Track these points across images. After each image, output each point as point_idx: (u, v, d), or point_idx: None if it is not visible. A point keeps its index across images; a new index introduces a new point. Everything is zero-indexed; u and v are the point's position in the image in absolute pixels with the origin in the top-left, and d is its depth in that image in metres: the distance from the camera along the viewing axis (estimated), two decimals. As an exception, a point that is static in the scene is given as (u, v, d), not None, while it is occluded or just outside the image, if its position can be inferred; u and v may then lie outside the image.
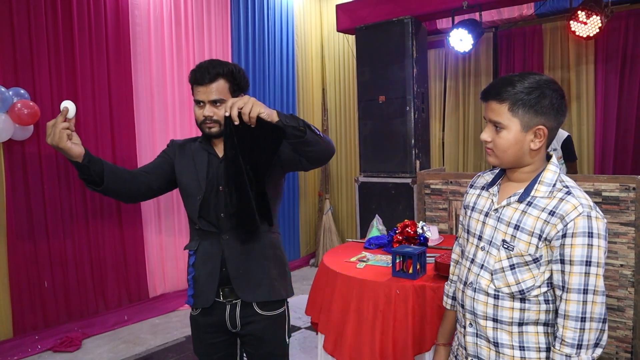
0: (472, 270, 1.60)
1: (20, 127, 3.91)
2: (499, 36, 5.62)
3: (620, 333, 3.29)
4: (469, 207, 1.69)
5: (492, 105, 1.48)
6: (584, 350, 1.39)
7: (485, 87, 1.54)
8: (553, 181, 1.48)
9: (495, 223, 1.55)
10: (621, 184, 3.23)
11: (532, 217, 1.46)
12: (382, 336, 2.44)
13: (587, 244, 1.38)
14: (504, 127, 1.46)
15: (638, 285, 3.20)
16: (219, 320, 2.03)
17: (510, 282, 1.49)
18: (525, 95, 1.43)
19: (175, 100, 5.12)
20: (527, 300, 1.47)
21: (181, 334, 4.42)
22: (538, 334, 1.49)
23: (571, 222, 1.39)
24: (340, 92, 6.88)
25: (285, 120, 1.69)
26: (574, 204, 1.41)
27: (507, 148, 1.47)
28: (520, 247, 1.46)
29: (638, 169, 4.82)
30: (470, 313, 1.58)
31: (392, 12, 4.88)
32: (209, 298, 2.00)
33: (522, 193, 1.50)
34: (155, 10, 4.94)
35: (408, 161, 4.83)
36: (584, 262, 1.38)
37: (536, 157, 1.50)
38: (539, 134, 1.45)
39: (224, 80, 1.93)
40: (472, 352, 1.60)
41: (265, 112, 1.65)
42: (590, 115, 5.16)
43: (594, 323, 1.39)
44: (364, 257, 3.00)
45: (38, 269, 4.18)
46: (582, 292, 1.38)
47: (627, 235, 3.22)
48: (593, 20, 4.03)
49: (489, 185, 1.63)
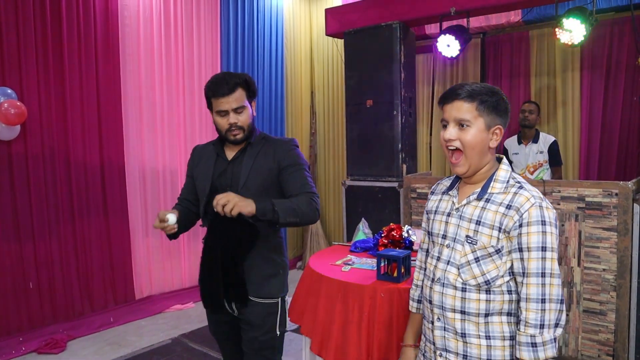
0: (438, 267, 1.70)
1: (7, 127, 3.89)
2: (486, 42, 5.68)
3: (602, 336, 3.33)
4: (431, 212, 1.82)
5: (459, 104, 1.61)
6: (546, 329, 1.51)
7: (447, 90, 1.68)
8: (506, 178, 1.63)
9: (458, 221, 1.67)
10: (604, 190, 3.27)
11: (491, 212, 1.59)
12: (367, 338, 2.45)
13: (542, 231, 1.52)
14: (470, 125, 1.60)
15: (620, 289, 3.25)
16: (222, 303, 2.25)
17: (476, 273, 1.60)
18: (489, 97, 1.60)
19: (164, 102, 5.11)
20: (492, 292, 1.59)
21: (167, 336, 4.40)
22: (502, 324, 1.60)
23: (525, 212, 1.53)
24: (329, 96, 6.90)
25: (262, 215, 1.96)
26: (526, 197, 1.55)
27: (474, 145, 1.61)
28: (483, 240, 1.59)
29: (622, 175, 4.89)
30: (439, 307, 1.68)
31: (381, 17, 4.92)
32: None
33: (480, 191, 1.64)
34: (145, 12, 4.93)
35: (395, 165, 4.87)
36: (540, 248, 1.52)
37: (492, 156, 1.67)
38: (496, 133, 1.63)
39: (241, 88, 2.15)
40: (440, 345, 1.69)
41: (247, 210, 1.91)
42: (575, 121, 5.22)
43: (553, 304, 1.52)
44: (350, 261, 3.02)
45: (23, 269, 4.15)
46: (540, 275, 1.52)
47: (610, 240, 3.27)
48: (578, 28, 4.08)
49: (448, 189, 1.77)
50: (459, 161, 1.64)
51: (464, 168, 1.64)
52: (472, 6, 4.49)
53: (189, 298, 5.23)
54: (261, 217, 1.95)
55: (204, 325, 4.60)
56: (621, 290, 3.24)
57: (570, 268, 3.42)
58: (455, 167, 1.66)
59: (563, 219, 3.42)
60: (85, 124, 4.54)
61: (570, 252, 3.41)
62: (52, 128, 4.31)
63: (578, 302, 3.41)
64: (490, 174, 1.66)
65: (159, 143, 5.11)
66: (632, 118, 4.89)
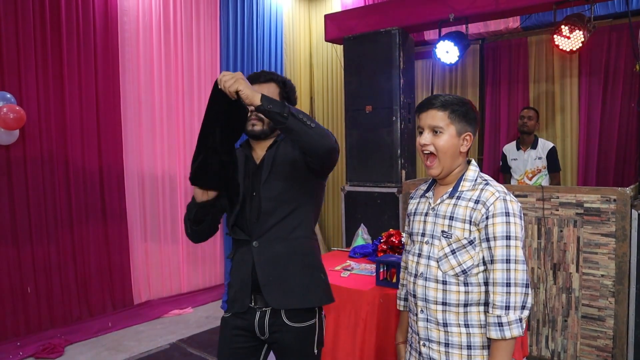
0: (420, 262, 1.84)
1: (6, 131, 3.89)
2: (485, 48, 5.70)
3: (600, 342, 3.33)
4: (411, 214, 1.98)
5: (433, 113, 1.79)
6: (512, 310, 1.65)
7: (423, 101, 1.85)
8: (474, 177, 1.81)
9: (434, 219, 1.83)
10: (602, 196, 3.28)
11: (462, 207, 1.76)
12: (364, 344, 2.46)
13: (506, 222, 1.68)
14: (443, 131, 1.78)
15: (618, 295, 3.25)
16: (248, 324, 2.03)
17: (454, 264, 1.75)
18: (459, 107, 1.78)
19: (163, 106, 5.12)
20: (469, 284, 1.73)
21: (165, 341, 4.39)
22: (480, 313, 1.74)
23: (491, 205, 1.70)
24: (328, 101, 6.92)
25: (269, 106, 1.72)
26: (492, 191, 1.73)
27: (447, 149, 1.78)
28: (457, 233, 1.75)
29: (620, 181, 4.90)
30: (422, 300, 1.82)
31: (380, 23, 4.94)
32: (244, 304, 2.02)
33: (451, 190, 1.81)
34: (145, 17, 4.95)
35: (394, 171, 4.87)
36: (504, 237, 1.68)
37: (463, 159, 1.84)
38: (467, 139, 1.80)
39: (275, 84, 2.07)
40: (424, 335, 1.82)
41: (246, 92, 1.70)
42: (574, 127, 5.23)
43: (518, 287, 1.66)
44: (349, 266, 3.02)
45: (21, 274, 4.14)
46: (505, 261, 1.67)
47: (608, 246, 3.27)
48: (576, 35, 4.09)
49: (425, 192, 1.94)
50: (433, 164, 1.81)
51: (437, 170, 1.81)
52: (471, 12, 4.51)
53: (187, 303, 5.21)
54: (267, 107, 1.71)
55: (203, 330, 4.59)
56: (620, 296, 3.25)
57: (568, 274, 3.42)
58: (430, 170, 1.82)
59: (561, 225, 3.43)
60: (84, 128, 4.54)
61: (569, 258, 3.41)
62: (51, 132, 4.32)
63: (576, 307, 3.41)
64: (461, 175, 1.83)
65: (158, 147, 5.11)
66: (630, 124, 4.91)
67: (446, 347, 1.76)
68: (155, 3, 5.04)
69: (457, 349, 1.75)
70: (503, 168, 4.93)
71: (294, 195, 2.00)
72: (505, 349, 1.66)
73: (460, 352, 1.74)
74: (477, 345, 1.74)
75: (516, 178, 4.78)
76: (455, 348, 1.75)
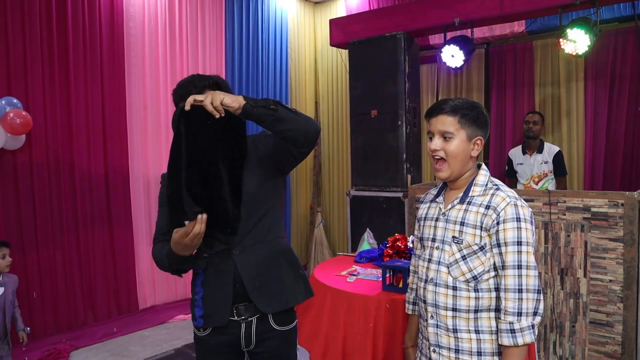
0: (430, 268, 1.83)
1: (12, 136, 3.90)
2: (490, 52, 5.69)
3: (609, 348, 3.30)
4: (421, 219, 1.97)
5: (443, 118, 1.77)
6: (524, 317, 1.63)
7: (433, 105, 1.83)
8: (485, 182, 1.79)
9: (445, 224, 1.82)
10: (610, 200, 3.26)
11: (473, 213, 1.75)
12: (373, 349, 2.44)
13: (517, 227, 1.67)
14: (453, 136, 1.76)
15: (627, 300, 3.22)
16: (232, 339, 1.94)
17: (464, 270, 1.73)
18: (469, 111, 1.77)
19: (169, 111, 5.13)
20: (480, 290, 1.72)
21: (170, 346, 4.38)
22: (490, 319, 1.73)
23: (502, 210, 1.69)
24: (333, 106, 6.92)
25: (253, 103, 1.68)
26: (502, 197, 1.71)
27: (457, 154, 1.76)
28: (468, 239, 1.74)
29: (627, 185, 4.87)
30: (432, 306, 1.80)
31: (385, 28, 4.93)
32: (224, 317, 1.90)
33: (462, 195, 1.80)
34: (150, 21, 4.96)
35: (399, 175, 4.86)
36: (516, 242, 1.66)
37: (473, 163, 1.82)
38: (477, 144, 1.79)
39: (209, 90, 1.90)
40: (434, 341, 1.80)
41: (228, 99, 1.64)
42: (580, 131, 5.21)
43: (530, 294, 1.65)
44: (355, 271, 3.01)
45: (27, 279, 4.14)
46: (517, 267, 1.66)
47: (616, 250, 3.24)
48: (582, 39, 4.08)
49: (436, 197, 1.92)
50: (442, 167, 1.79)
51: (446, 173, 1.79)
52: (476, 17, 4.50)
53: (192, 308, 5.20)
54: (253, 108, 1.66)
55: (208, 335, 4.58)
56: (628, 302, 3.22)
57: (576, 279, 3.40)
58: (438, 173, 1.81)
59: (569, 230, 3.41)
60: (90, 133, 4.55)
61: (577, 263, 3.39)
62: (57, 137, 4.33)
63: (584, 313, 3.38)
64: (471, 180, 1.81)
65: (163, 152, 5.12)
66: (636, 128, 4.88)
67: (456, 354, 1.75)
68: (160, 9, 5.06)
69: (467, 355, 1.73)
70: (509, 172, 4.91)
71: (266, 197, 1.94)
72: (518, 355, 1.65)
73: (470, 358, 1.73)
74: (488, 351, 1.72)
75: (522, 183, 4.76)
76: (466, 354, 1.73)
